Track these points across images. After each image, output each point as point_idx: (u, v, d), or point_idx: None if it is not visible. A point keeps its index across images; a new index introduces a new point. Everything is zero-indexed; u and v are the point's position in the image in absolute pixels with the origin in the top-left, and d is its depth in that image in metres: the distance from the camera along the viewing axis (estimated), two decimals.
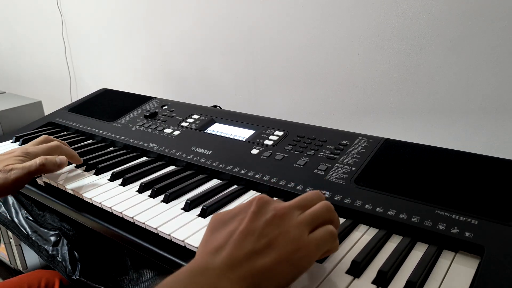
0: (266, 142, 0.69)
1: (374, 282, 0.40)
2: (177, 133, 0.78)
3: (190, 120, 0.82)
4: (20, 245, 1.07)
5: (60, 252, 0.68)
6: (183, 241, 0.48)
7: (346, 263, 0.43)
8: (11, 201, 0.80)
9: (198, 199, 0.57)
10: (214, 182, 0.64)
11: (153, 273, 0.61)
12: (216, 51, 1.17)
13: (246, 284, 0.33)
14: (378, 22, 0.85)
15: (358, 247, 0.45)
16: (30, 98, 1.25)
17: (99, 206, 0.59)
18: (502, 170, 0.52)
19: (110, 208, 0.57)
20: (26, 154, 0.62)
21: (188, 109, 0.88)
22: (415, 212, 0.48)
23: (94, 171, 0.68)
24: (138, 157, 0.75)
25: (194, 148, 0.72)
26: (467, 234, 0.44)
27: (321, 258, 0.39)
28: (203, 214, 0.54)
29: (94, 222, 0.59)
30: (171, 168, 0.70)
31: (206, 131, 0.78)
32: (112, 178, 0.66)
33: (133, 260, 0.64)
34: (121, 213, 0.56)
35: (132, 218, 0.54)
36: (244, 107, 1.15)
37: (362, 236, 0.48)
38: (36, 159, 0.60)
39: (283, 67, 1.04)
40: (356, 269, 0.42)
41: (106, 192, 0.62)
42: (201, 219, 0.53)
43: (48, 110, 1.16)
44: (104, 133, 0.84)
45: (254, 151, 0.67)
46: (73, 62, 1.68)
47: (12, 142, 0.87)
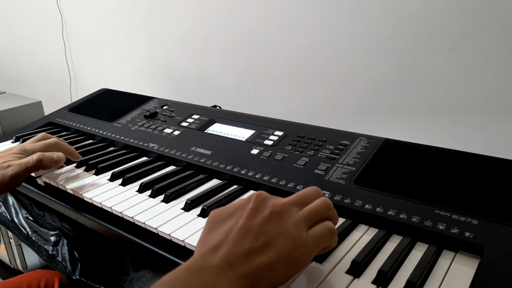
0: (266, 142, 0.69)
1: (374, 282, 0.40)
2: (177, 133, 0.78)
3: (190, 120, 0.82)
4: (20, 245, 1.07)
5: (60, 252, 0.68)
6: (183, 241, 0.48)
7: (346, 263, 0.43)
8: (11, 201, 0.80)
9: (198, 199, 0.57)
10: (214, 182, 0.64)
11: (153, 273, 0.61)
12: (216, 51, 1.17)
13: (244, 282, 0.33)
14: (378, 22, 0.85)
15: (358, 247, 0.45)
16: (30, 98, 1.25)
17: (99, 206, 0.59)
18: (502, 170, 0.52)
19: (110, 208, 0.57)
20: (24, 151, 0.62)
21: (188, 109, 0.88)
22: (415, 212, 0.48)
23: (94, 171, 0.68)
24: (138, 157, 0.75)
25: (194, 148, 0.72)
26: (467, 234, 0.44)
27: (320, 254, 0.39)
28: (203, 214, 0.54)
29: (94, 222, 0.59)
30: (171, 168, 0.70)
31: (206, 131, 0.78)
32: (112, 178, 0.66)
33: (133, 260, 0.63)
34: (121, 213, 0.56)
35: (132, 218, 0.54)
36: (244, 107, 1.15)
37: (362, 236, 0.48)
38: (33, 155, 0.60)
39: (283, 67, 1.04)
40: (356, 269, 0.42)
41: (106, 192, 0.62)
42: (201, 219, 0.53)
43: (48, 110, 1.16)
44: (104, 133, 0.84)
45: (254, 151, 0.67)
46: (73, 62, 1.68)
47: (12, 142, 0.87)
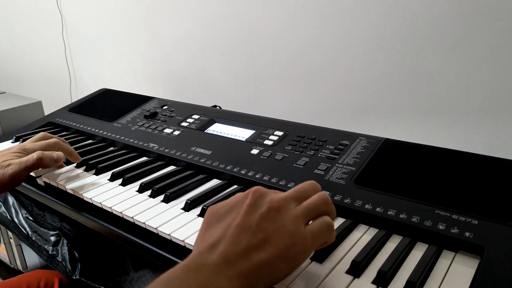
0: (266, 142, 0.69)
1: (374, 282, 0.40)
2: (177, 133, 0.78)
3: (190, 120, 0.82)
4: (20, 245, 1.07)
5: (60, 252, 0.68)
6: (183, 241, 0.48)
7: (346, 263, 0.43)
8: (11, 201, 0.80)
9: (198, 199, 0.57)
10: (214, 182, 0.64)
11: (153, 273, 0.61)
12: (216, 51, 1.17)
13: (243, 279, 0.33)
14: (378, 22, 0.85)
15: (358, 247, 0.45)
16: (30, 98, 1.25)
17: (99, 206, 0.59)
18: (502, 170, 0.52)
19: (110, 208, 0.57)
20: (24, 150, 0.62)
21: (188, 109, 0.88)
22: (415, 212, 0.48)
23: (94, 171, 0.68)
24: (138, 157, 0.75)
25: (194, 148, 0.72)
26: (467, 234, 0.44)
27: (318, 249, 0.39)
28: (203, 214, 0.54)
29: (94, 222, 0.59)
30: (171, 168, 0.70)
31: (206, 131, 0.78)
32: (112, 178, 0.66)
33: (133, 260, 0.63)
34: (121, 213, 0.56)
35: (132, 218, 0.54)
36: (244, 107, 1.15)
37: (362, 236, 0.48)
38: (33, 154, 0.60)
39: (283, 67, 1.04)
40: (356, 269, 0.42)
41: (106, 192, 0.62)
42: (201, 219, 0.53)
43: (48, 110, 1.16)
44: (104, 133, 0.84)
45: (254, 151, 0.67)
46: (73, 62, 1.68)
47: (12, 142, 0.87)
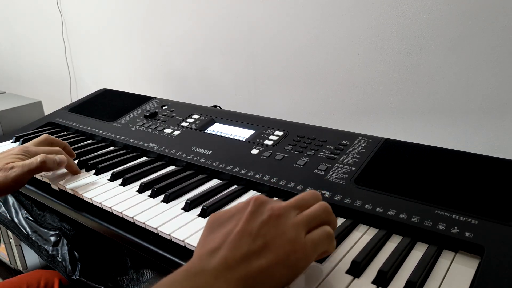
0: (266, 142, 0.69)
1: (374, 282, 0.40)
2: (177, 133, 0.78)
3: (190, 120, 0.82)
4: (20, 245, 1.07)
5: (60, 252, 0.68)
6: (183, 241, 0.48)
7: (346, 263, 0.43)
8: (11, 201, 0.80)
9: (198, 199, 0.57)
10: (214, 182, 0.64)
11: (153, 273, 0.61)
12: (216, 51, 1.17)
13: (242, 285, 0.33)
14: (378, 22, 0.85)
15: (358, 247, 0.45)
16: (30, 98, 1.25)
17: (99, 206, 0.59)
18: (502, 170, 0.52)
19: (110, 208, 0.57)
20: (26, 152, 0.62)
21: (188, 109, 0.88)
22: (415, 212, 0.48)
23: (94, 171, 0.68)
24: (138, 157, 0.75)
25: (194, 148, 0.72)
26: (467, 234, 0.44)
27: (318, 259, 0.39)
28: (203, 214, 0.54)
29: (94, 222, 0.59)
30: (171, 168, 0.70)
31: (206, 131, 0.78)
32: (112, 178, 0.66)
33: (133, 260, 0.63)
34: (121, 213, 0.56)
35: (132, 218, 0.54)
36: (244, 107, 1.15)
37: (362, 236, 0.48)
38: (36, 157, 0.60)
39: (283, 67, 1.04)
40: (356, 269, 0.42)
41: (106, 192, 0.62)
42: (201, 219, 0.53)
43: (48, 110, 1.16)
44: (104, 133, 0.84)
45: (254, 151, 0.67)
46: (73, 62, 1.68)
47: (12, 142, 0.87)
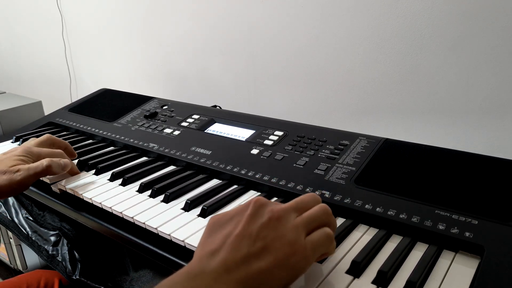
0: (266, 142, 0.69)
1: (374, 282, 0.40)
2: (177, 133, 0.78)
3: (190, 120, 0.82)
4: (20, 245, 1.07)
5: (60, 252, 0.68)
6: (183, 241, 0.48)
7: (346, 263, 0.43)
8: (11, 201, 0.80)
9: (198, 199, 0.57)
10: (214, 182, 0.64)
11: (153, 273, 0.61)
12: (216, 51, 1.17)
13: (242, 286, 0.33)
14: (378, 22, 0.85)
15: (358, 247, 0.45)
16: (30, 98, 1.25)
17: (99, 206, 0.59)
18: (502, 170, 0.52)
19: (110, 208, 0.57)
20: (29, 154, 0.62)
21: (188, 109, 0.88)
22: (415, 212, 0.48)
23: (94, 171, 0.68)
24: (138, 157, 0.75)
25: (194, 148, 0.72)
26: (467, 234, 0.44)
27: (318, 260, 0.39)
28: (203, 214, 0.54)
29: (94, 222, 0.59)
30: (171, 168, 0.70)
31: (206, 131, 0.78)
32: (112, 178, 0.66)
33: (133, 260, 0.63)
34: (121, 213, 0.56)
35: (132, 218, 0.54)
36: (244, 107, 1.15)
37: (362, 236, 0.48)
38: (42, 161, 0.60)
39: (283, 67, 1.04)
40: (356, 269, 0.42)
41: (106, 192, 0.62)
42: (201, 219, 0.53)
43: (48, 110, 1.16)
44: (104, 133, 0.84)
45: (254, 151, 0.67)
46: (73, 62, 1.68)
47: (12, 142, 0.87)
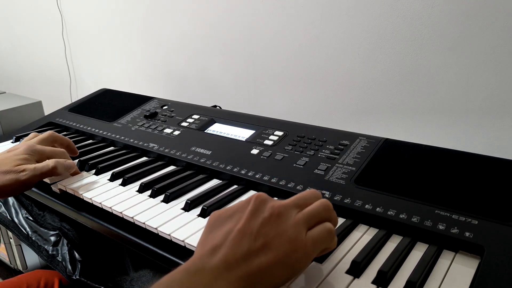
0: (266, 142, 0.69)
1: (374, 282, 0.40)
2: (177, 133, 0.78)
3: (190, 120, 0.82)
4: (20, 245, 1.07)
5: (60, 252, 0.68)
6: (183, 241, 0.48)
7: (346, 263, 0.43)
8: (11, 201, 0.80)
9: (198, 199, 0.57)
10: (214, 182, 0.64)
11: (153, 273, 0.61)
12: (216, 51, 1.17)
13: (242, 284, 0.33)
14: (378, 22, 0.85)
15: (358, 247, 0.45)
16: (30, 98, 1.25)
17: (99, 206, 0.59)
18: (502, 170, 0.52)
19: (110, 208, 0.57)
20: (32, 152, 0.62)
21: (188, 109, 0.88)
22: (415, 212, 0.48)
23: (94, 171, 0.68)
24: (138, 157, 0.75)
25: (194, 148, 0.72)
26: (467, 234, 0.44)
27: (320, 256, 0.39)
28: (203, 214, 0.54)
29: (94, 222, 0.59)
30: (171, 168, 0.70)
31: (206, 131, 0.78)
32: (112, 178, 0.66)
33: (133, 260, 0.63)
34: (121, 213, 0.56)
35: (132, 218, 0.54)
36: (244, 107, 1.15)
37: (362, 236, 0.48)
38: (48, 162, 0.60)
39: (283, 67, 1.04)
40: (356, 269, 0.42)
41: (106, 192, 0.61)
42: (201, 219, 0.53)
43: (48, 110, 1.16)
44: (104, 133, 0.84)
45: (254, 151, 0.67)
46: (73, 62, 1.68)
47: (12, 142, 0.87)
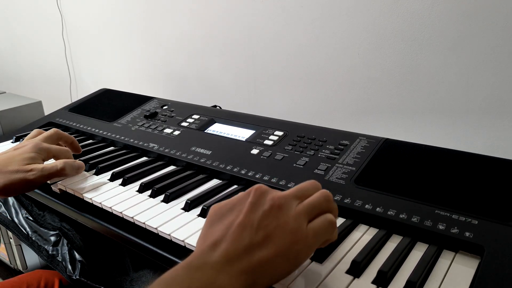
0: (266, 142, 0.69)
1: (374, 282, 0.40)
2: (177, 133, 0.78)
3: (190, 120, 0.82)
4: (20, 245, 1.07)
5: (60, 252, 0.68)
6: (183, 241, 0.48)
7: (346, 263, 0.43)
8: (11, 201, 0.80)
9: (198, 199, 0.57)
10: (214, 182, 0.64)
11: (153, 273, 0.61)
12: (216, 51, 1.17)
13: (244, 277, 0.33)
14: (378, 22, 0.85)
15: (358, 247, 0.45)
16: (30, 98, 1.25)
17: (99, 206, 0.59)
18: (502, 170, 0.52)
19: (110, 208, 0.57)
20: (39, 150, 0.61)
21: (188, 109, 0.88)
22: (415, 212, 0.48)
23: (94, 171, 0.68)
24: (138, 157, 0.75)
25: (194, 148, 0.72)
26: (467, 234, 0.44)
27: (321, 247, 0.39)
28: (203, 214, 0.54)
29: (94, 222, 0.59)
30: (171, 168, 0.70)
31: (206, 131, 0.78)
32: (112, 178, 0.66)
33: (133, 260, 0.64)
34: (121, 213, 0.56)
35: (132, 218, 0.54)
36: (244, 107, 1.15)
37: (362, 236, 0.48)
38: (57, 163, 0.60)
39: (283, 67, 1.04)
40: (356, 269, 0.42)
41: (106, 192, 0.61)
42: (201, 219, 0.53)
43: (48, 110, 1.16)
44: (104, 133, 0.84)
45: (254, 151, 0.67)
46: (73, 62, 1.68)
47: (12, 142, 0.87)
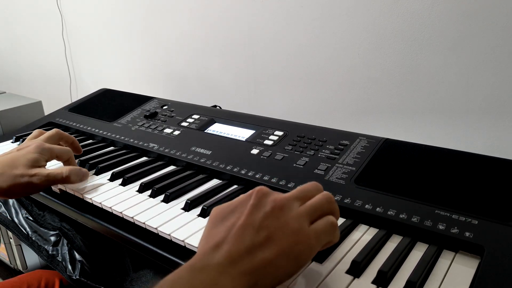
0: (266, 142, 0.69)
1: (374, 282, 0.40)
2: (177, 133, 0.78)
3: (190, 120, 0.82)
4: (20, 245, 1.07)
5: (60, 252, 0.68)
6: (183, 241, 0.48)
7: (346, 263, 0.43)
8: (11, 201, 0.80)
9: (198, 199, 0.57)
10: (214, 182, 0.64)
11: (153, 273, 0.61)
12: (216, 51, 1.17)
13: (247, 278, 0.33)
14: (378, 22, 0.85)
15: (358, 247, 0.45)
16: (30, 98, 1.25)
17: (99, 206, 0.59)
18: (502, 170, 0.52)
19: (110, 208, 0.57)
20: (42, 151, 0.61)
21: (188, 109, 0.88)
22: (415, 212, 0.48)
23: (94, 171, 0.68)
24: (138, 157, 0.75)
25: (194, 148, 0.72)
26: (467, 234, 0.44)
27: (323, 249, 0.39)
28: (203, 214, 0.54)
29: (94, 222, 0.59)
30: (171, 168, 0.70)
31: (206, 131, 0.78)
32: (112, 178, 0.66)
33: (133, 260, 0.64)
34: (121, 213, 0.56)
35: (132, 218, 0.54)
36: (244, 107, 1.15)
37: (362, 236, 0.48)
38: (63, 169, 0.59)
39: (283, 67, 1.04)
40: (356, 269, 0.42)
41: (106, 192, 0.62)
42: (201, 219, 0.53)
43: (48, 110, 1.16)
44: (104, 133, 0.84)
45: (254, 151, 0.67)
46: (73, 62, 1.68)
47: (12, 142, 0.87)
